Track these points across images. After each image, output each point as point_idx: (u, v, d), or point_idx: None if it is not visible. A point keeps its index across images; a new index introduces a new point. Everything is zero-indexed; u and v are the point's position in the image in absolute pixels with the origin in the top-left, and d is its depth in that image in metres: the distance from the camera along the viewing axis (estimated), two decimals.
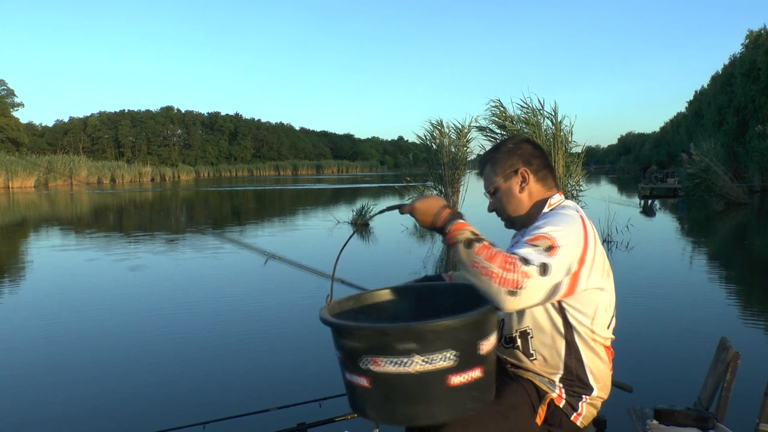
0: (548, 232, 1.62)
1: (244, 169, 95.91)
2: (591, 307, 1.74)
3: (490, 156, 1.94)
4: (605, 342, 1.81)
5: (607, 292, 1.77)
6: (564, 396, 1.77)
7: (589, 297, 1.73)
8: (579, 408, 1.78)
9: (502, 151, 1.91)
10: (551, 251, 1.58)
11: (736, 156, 30.07)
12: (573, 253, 1.63)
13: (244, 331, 5.28)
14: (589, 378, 1.78)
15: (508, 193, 1.90)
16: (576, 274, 1.64)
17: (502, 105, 10.94)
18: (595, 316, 1.74)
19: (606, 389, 1.84)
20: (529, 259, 1.55)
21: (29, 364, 4.48)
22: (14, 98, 68.74)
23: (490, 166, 1.93)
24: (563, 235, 1.63)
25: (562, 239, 1.61)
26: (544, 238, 1.60)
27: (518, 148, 1.91)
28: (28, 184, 46.17)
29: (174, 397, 3.75)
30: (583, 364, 1.77)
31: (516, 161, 1.88)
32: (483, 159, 1.98)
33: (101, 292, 7.29)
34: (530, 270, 1.53)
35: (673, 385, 3.73)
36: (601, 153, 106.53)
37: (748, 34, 36.38)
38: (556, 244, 1.59)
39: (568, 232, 1.65)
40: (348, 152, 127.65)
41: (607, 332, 1.80)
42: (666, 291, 6.74)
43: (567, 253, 1.61)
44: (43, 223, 17.92)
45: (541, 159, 1.91)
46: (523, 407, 1.74)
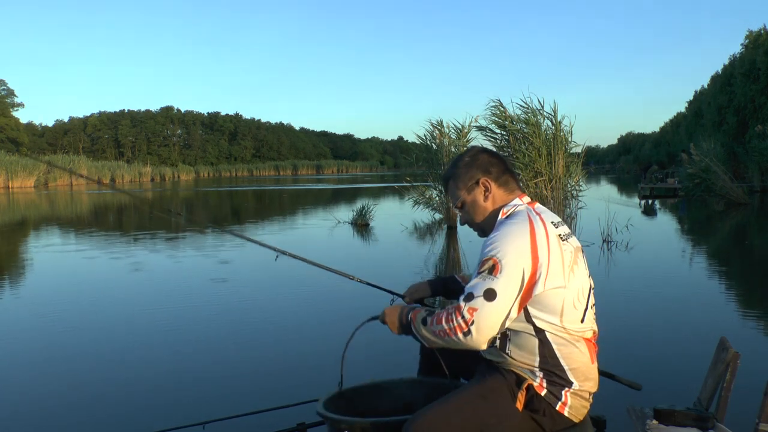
0: (491, 252, 1.73)
1: (244, 169, 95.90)
2: (556, 306, 1.77)
3: (450, 173, 2.02)
4: (582, 335, 1.82)
5: (572, 289, 1.78)
6: (545, 385, 1.78)
7: (550, 297, 1.75)
8: (563, 397, 1.79)
9: (461, 166, 1.99)
10: (495, 271, 1.69)
11: (736, 156, 30.06)
12: (519, 265, 1.69)
13: (243, 331, 5.28)
14: (567, 373, 1.79)
15: (473, 204, 1.96)
16: (530, 281, 1.71)
17: (502, 105, 10.94)
18: (563, 313, 1.77)
19: (590, 381, 1.85)
20: (473, 292, 1.69)
21: (29, 363, 4.47)
22: (14, 98, 68.83)
23: (453, 182, 2.00)
24: (506, 251, 1.71)
25: (505, 256, 1.70)
26: (487, 261, 1.72)
27: (475, 159, 1.98)
28: (28, 184, 46.16)
29: (173, 397, 3.75)
30: (558, 360, 1.79)
31: (475, 172, 1.95)
32: (445, 177, 2.06)
33: (101, 291, 7.29)
34: (475, 303, 1.68)
35: (672, 385, 3.73)
36: (601, 153, 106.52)
37: (747, 34, 36.37)
38: (499, 263, 1.69)
39: (512, 246, 1.72)
40: (348, 152, 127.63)
41: (581, 326, 1.82)
42: (666, 291, 6.73)
43: (513, 268, 1.69)
44: (48, 222, 17.93)
45: (498, 165, 1.97)
46: (503, 391, 1.78)
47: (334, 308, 6.10)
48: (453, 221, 14.02)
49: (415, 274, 8.04)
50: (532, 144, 10.44)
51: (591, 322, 1.88)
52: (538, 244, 1.72)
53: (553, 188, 10.33)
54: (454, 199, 2.01)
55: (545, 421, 1.78)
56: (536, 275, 1.70)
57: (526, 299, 1.72)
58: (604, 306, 6.47)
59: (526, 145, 10.55)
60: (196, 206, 25.88)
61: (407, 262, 9.19)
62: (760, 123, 28.63)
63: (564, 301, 1.76)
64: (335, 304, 6.36)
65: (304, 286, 7.35)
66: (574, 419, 1.82)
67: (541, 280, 1.71)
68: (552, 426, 1.79)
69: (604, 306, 6.20)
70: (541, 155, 10.36)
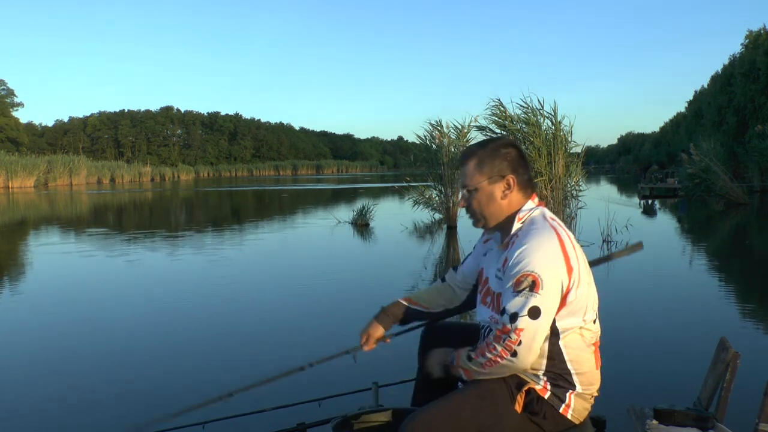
0: (528, 267, 1.67)
1: (244, 169, 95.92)
2: (580, 309, 1.78)
3: (476, 152, 1.88)
4: (592, 340, 1.84)
5: (592, 286, 1.81)
6: (549, 388, 1.78)
7: (579, 300, 1.76)
8: (566, 399, 1.79)
9: (490, 151, 1.86)
10: (536, 287, 1.65)
11: (735, 156, 30.07)
12: (558, 277, 1.68)
13: (243, 331, 5.28)
14: (573, 377, 1.79)
15: (489, 196, 1.85)
16: (566, 291, 1.71)
17: (502, 105, 10.94)
18: (586, 312, 1.79)
19: (594, 384, 1.85)
20: (518, 312, 1.66)
21: (28, 363, 4.47)
22: (14, 98, 68.85)
23: (476, 164, 1.86)
24: (544, 265, 1.67)
25: (544, 270, 1.66)
26: (525, 277, 1.67)
27: (508, 152, 1.86)
28: (27, 184, 46.16)
29: (173, 396, 3.75)
30: (566, 365, 1.78)
31: (505, 167, 1.84)
32: (467, 153, 1.90)
33: (100, 291, 7.28)
34: (520, 323, 1.65)
35: (673, 385, 3.72)
36: (601, 153, 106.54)
37: (747, 34, 36.38)
38: (539, 279, 1.65)
39: (547, 260, 1.68)
40: (348, 152, 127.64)
41: (594, 329, 1.84)
42: (665, 291, 6.73)
43: (553, 282, 1.67)
44: (48, 222, 17.93)
45: (526, 168, 1.89)
46: (502, 393, 1.77)
47: (335, 308, 6.10)
48: (453, 221, 14.02)
49: (415, 274, 8.04)
50: (532, 144, 10.44)
51: (599, 324, 1.89)
52: (569, 253, 1.71)
53: (553, 188, 10.33)
54: (469, 180, 1.86)
55: (545, 423, 1.77)
56: (571, 284, 1.71)
57: (561, 308, 1.72)
58: (604, 306, 6.43)
59: (526, 144, 10.55)
60: (195, 207, 25.87)
61: (407, 262, 9.18)
62: (760, 123, 28.64)
63: (587, 302, 1.78)
64: (336, 304, 6.36)
65: (304, 286, 7.35)
66: (576, 421, 1.82)
67: (575, 288, 1.72)
68: (553, 428, 1.79)
69: (604, 306, 6.17)
70: (541, 155, 10.36)
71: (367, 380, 2.75)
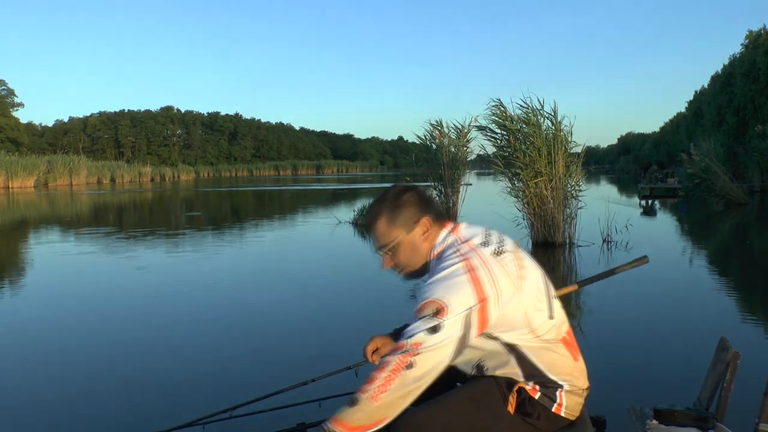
0: (433, 295, 1.62)
1: (244, 169, 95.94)
2: (519, 319, 1.71)
3: (381, 209, 1.82)
4: (557, 337, 1.78)
5: (528, 292, 1.72)
6: (538, 389, 1.77)
7: (510, 314, 1.69)
8: (557, 399, 1.77)
9: (395, 203, 1.81)
10: (440, 314, 1.59)
11: (735, 156, 30.06)
12: (466, 303, 1.61)
13: (243, 331, 5.28)
14: (552, 378, 1.77)
15: (411, 245, 1.81)
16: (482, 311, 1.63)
17: (502, 105, 10.94)
18: (529, 321, 1.71)
19: (579, 379, 1.82)
20: (415, 330, 1.59)
21: (29, 359, 4.47)
22: (14, 98, 68.84)
23: (386, 220, 1.81)
24: (449, 293, 1.61)
25: (448, 297, 1.61)
26: (428, 304, 1.61)
27: (411, 197, 1.83)
28: (27, 184, 46.16)
29: (173, 397, 3.75)
30: (540, 370, 1.76)
31: (415, 211, 1.81)
32: (372, 214, 1.84)
33: (99, 291, 7.28)
34: (417, 338, 1.57)
35: (673, 385, 3.72)
36: (601, 153, 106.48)
37: (748, 35, 36.37)
38: (444, 305, 1.60)
39: (454, 288, 1.62)
40: (348, 152, 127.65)
41: (552, 323, 1.76)
42: (665, 291, 6.73)
43: (459, 308, 1.60)
44: (49, 222, 17.93)
45: (431, 203, 1.86)
46: (494, 394, 1.76)
47: (336, 309, 6.11)
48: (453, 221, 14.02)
49: None
50: (533, 144, 10.44)
51: (560, 315, 1.81)
52: (480, 277, 1.64)
53: (553, 188, 10.33)
54: (387, 239, 1.80)
55: (540, 423, 1.77)
56: (487, 307, 1.63)
57: (483, 328, 1.65)
58: (604, 306, 6.47)
59: (526, 144, 10.55)
60: (196, 206, 25.87)
61: None
62: (760, 123, 28.63)
63: (525, 310, 1.70)
64: (338, 304, 6.37)
65: (306, 286, 7.36)
66: (571, 417, 1.81)
67: (495, 308, 1.64)
68: (548, 427, 1.78)
69: (604, 306, 6.21)
70: (542, 155, 10.36)
71: None
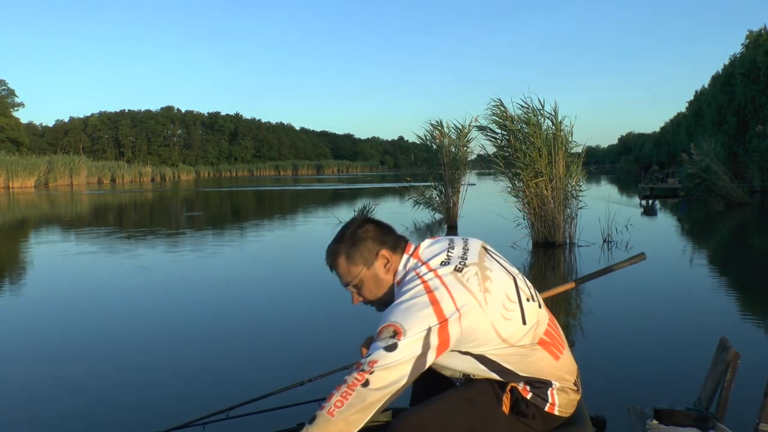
0: (391, 319, 1.62)
1: (245, 169, 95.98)
2: (487, 332, 1.68)
3: (338, 249, 1.84)
4: (533, 340, 1.74)
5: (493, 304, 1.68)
6: (529, 389, 1.76)
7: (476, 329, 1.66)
8: (549, 398, 1.77)
9: (350, 240, 1.82)
10: (397, 335, 1.59)
11: (736, 156, 30.05)
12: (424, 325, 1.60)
13: (242, 331, 5.28)
14: (539, 378, 1.77)
15: (374, 279, 1.81)
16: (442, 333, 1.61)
17: (502, 105, 10.93)
18: (498, 333, 1.68)
19: (567, 374, 1.80)
20: (372, 350, 1.59)
21: (30, 359, 4.47)
22: (14, 98, 68.86)
23: (345, 258, 1.82)
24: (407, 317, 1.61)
25: (408, 321, 1.60)
26: (387, 327, 1.61)
27: (365, 231, 1.83)
28: (28, 184, 46.19)
29: (173, 397, 3.75)
30: (521, 376, 1.75)
31: (372, 245, 1.81)
32: (331, 254, 1.86)
33: (99, 291, 7.27)
34: (375, 356, 1.57)
35: (673, 385, 3.72)
36: (601, 153, 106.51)
37: (748, 34, 36.35)
38: (401, 328, 1.59)
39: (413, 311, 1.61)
40: (348, 152, 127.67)
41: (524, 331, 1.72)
42: (666, 291, 6.73)
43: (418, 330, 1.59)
44: (49, 221, 17.93)
45: (388, 233, 1.87)
46: (488, 394, 1.75)
47: (337, 309, 6.10)
48: (453, 221, 14.02)
49: None
50: (533, 144, 10.44)
51: (534, 317, 1.76)
52: (438, 298, 1.62)
53: (553, 188, 10.33)
54: (350, 277, 1.82)
55: (535, 423, 1.77)
56: (447, 327, 1.61)
57: (444, 349, 1.63)
58: (603, 306, 6.46)
59: (526, 144, 10.55)
60: (196, 207, 25.87)
61: None
62: (760, 123, 28.61)
63: (492, 322, 1.66)
64: (339, 304, 6.36)
65: (307, 286, 7.35)
66: (565, 415, 1.81)
67: (455, 326, 1.62)
68: (543, 426, 1.78)
69: (604, 306, 6.20)
70: (542, 155, 10.36)
71: None
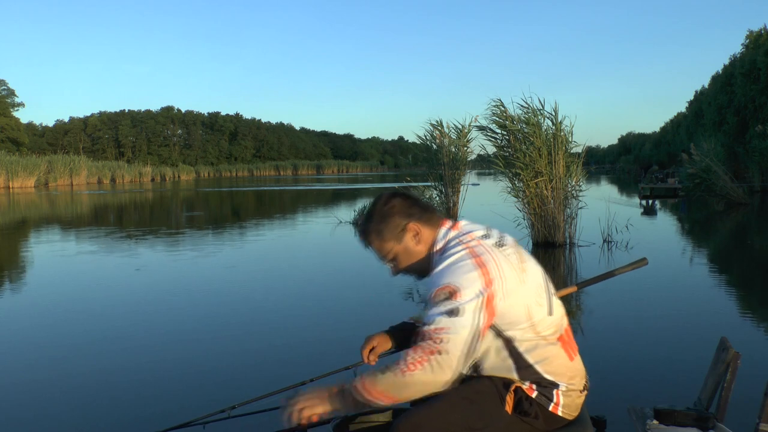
0: (442, 282, 1.66)
1: (245, 169, 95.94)
2: (521, 313, 1.73)
3: (368, 228, 1.88)
4: (555, 334, 1.79)
5: (530, 285, 1.75)
6: (535, 388, 1.77)
7: (514, 307, 1.71)
8: (554, 398, 1.77)
9: (380, 217, 1.86)
10: (454, 296, 1.62)
11: (736, 156, 30.04)
12: (476, 286, 1.64)
13: (242, 331, 5.28)
14: (548, 377, 1.77)
15: (407, 252, 1.86)
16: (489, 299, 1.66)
17: (502, 105, 10.94)
18: (530, 315, 1.73)
19: (576, 378, 1.82)
20: (435, 315, 1.62)
21: (31, 359, 4.48)
22: (14, 98, 68.85)
23: (376, 236, 1.87)
24: (458, 278, 1.65)
25: (460, 282, 1.64)
26: (441, 290, 1.65)
27: (392, 206, 1.86)
28: (28, 184, 46.19)
29: (173, 397, 3.75)
30: (535, 369, 1.77)
31: (399, 220, 1.84)
32: (362, 234, 1.91)
33: (99, 291, 7.28)
34: (440, 322, 1.60)
35: (673, 385, 3.73)
36: (601, 153, 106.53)
37: (748, 34, 36.37)
38: (456, 288, 1.63)
39: (462, 273, 1.66)
40: (348, 152, 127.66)
41: (551, 320, 1.78)
42: (666, 291, 6.73)
43: (471, 290, 1.63)
44: (50, 221, 17.94)
45: (417, 203, 1.89)
46: (491, 393, 1.75)
47: (338, 309, 6.11)
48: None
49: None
50: (533, 144, 10.45)
51: (559, 312, 1.82)
52: (485, 263, 1.68)
53: (553, 188, 10.33)
54: (383, 252, 1.88)
55: (537, 422, 1.76)
56: (494, 292, 1.66)
57: (491, 318, 1.68)
58: (604, 306, 6.45)
59: (526, 144, 10.56)
60: (197, 207, 25.88)
61: None
62: (760, 123, 28.60)
63: (527, 303, 1.73)
64: (340, 305, 6.37)
65: (308, 286, 7.36)
66: (569, 417, 1.81)
67: (500, 294, 1.68)
68: (546, 426, 1.78)
69: (605, 306, 6.20)
70: (542, 155, 10.36)
71: None
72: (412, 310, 5.12)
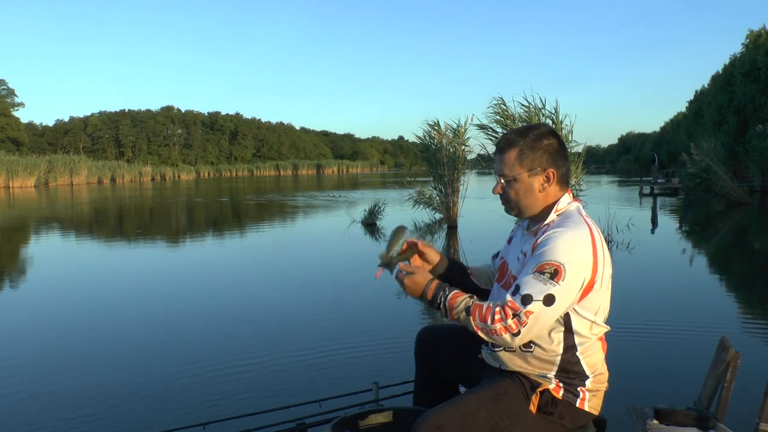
0: (554, 256, 1.66)
1: (245, 168, 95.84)
2: (596, 307, 1.77)
3: (516, 141, 1.83)
4: (601, 333, 1.83)
5: (610, 288, 1.80)
6: (562, 386, 1.78)
7: (596, 298, 1.76)
8: (580, 394, 1.79)
9: (532, 142, 1.81)
10: (557, 277, 1.64)
11: (736, 156, 30.05)
12: (582, 273, 1.67)
13: (243, 331, 5.28)
14: (585, 370, 1.79)
15: (528, 188, 1.82)
16: (587, 288, 1.70)
17: (503, 103, 10.93)
18: (599, 311, 1.78)
19: (604, 374, 1.85)
20: (532, 294, 1.64)
21: (30, 358, 4.48)
22: (14, 98, 68.77)
23: (517, 154, 1.81)
24: (570, 259, 1.66)
25: (570, 263, 1.65)
26: (549, 264, 1.65)
27: (550, 144, 1.82)
28: (28, 183, 46.18)
29: (174, 397, 3.75)
30: (579, 361, 1.78)
31: (545, 159, 1.81)
32: (507, 142, 1.85)
33: (99, 291, 7.27)
34: (533, 307, 1.63)
35: (673, 385, 3.73)
36: (601, 153, 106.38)
37: (748, 34, 36.33)
38: (563, 269, 1.64)
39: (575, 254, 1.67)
40: (348, 152, 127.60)
41: (606, 313, 1.83)
42: (666, 290, 6.73)
43: (575, 276, 1.66)
44: (50, 221, 17.94)
45: (565, 160, 1.86)
46: (516, 393, 1.76)
47: (338, 309, 6.10)
48: (453, 221, 14.01)
49: None
50: None
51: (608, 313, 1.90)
52: (597, 254, 1.71)
53: None
54: (508, 168, 1.82)
55: (564, 421, 1.78)
56: (593, 282, 1.71)
57: (579, 301, 1.72)
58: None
59: None
60: (197, 208, 25.87)
61: None
62: (760, 123, 28.58)
63: (602, 303, 1.78)
64: (339, 304, 6.36)
65: (308, 286, 7.35)
66: (595, 412, 1.83)
67: (597, 288, 1.73)
68: (572, 423, 1.79)
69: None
70: None
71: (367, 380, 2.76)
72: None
